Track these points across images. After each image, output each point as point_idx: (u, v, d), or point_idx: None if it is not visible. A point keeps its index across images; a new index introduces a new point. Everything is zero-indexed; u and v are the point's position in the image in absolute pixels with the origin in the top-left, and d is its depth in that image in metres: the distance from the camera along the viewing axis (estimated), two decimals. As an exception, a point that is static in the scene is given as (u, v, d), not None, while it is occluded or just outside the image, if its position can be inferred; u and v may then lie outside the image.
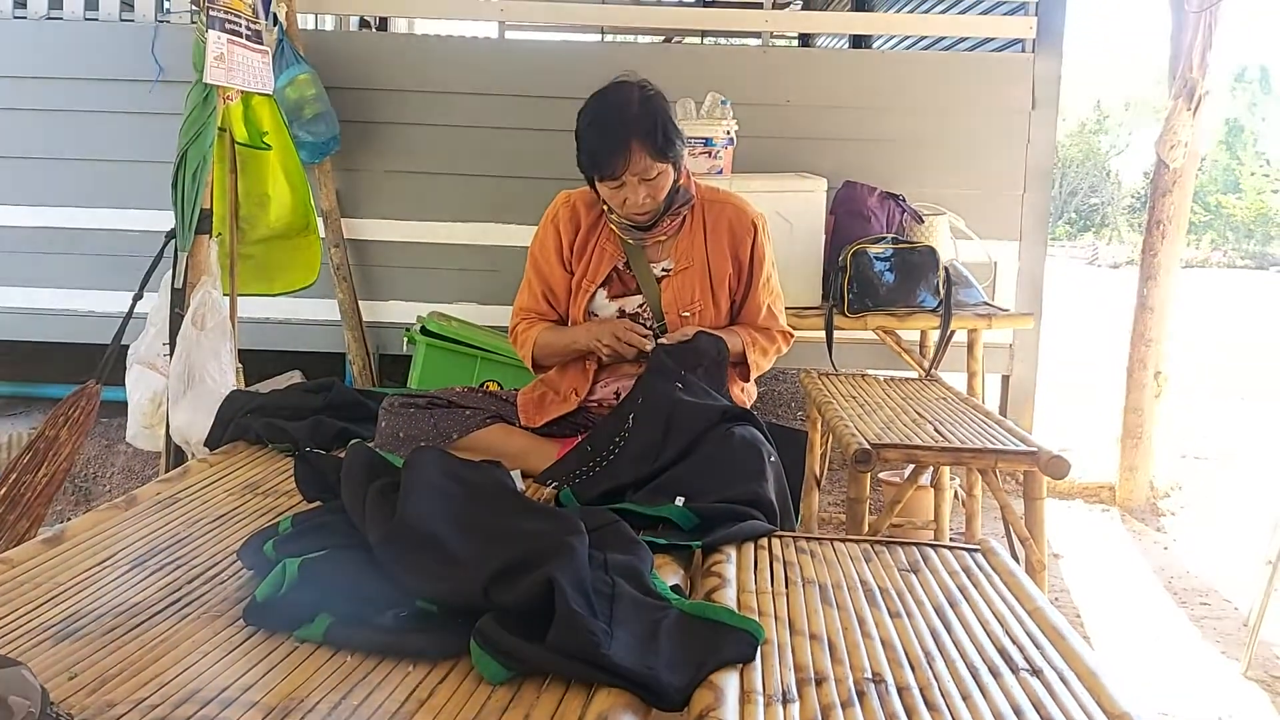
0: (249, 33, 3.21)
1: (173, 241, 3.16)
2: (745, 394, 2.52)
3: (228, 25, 3.10)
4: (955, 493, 3.65)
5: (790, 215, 3.55)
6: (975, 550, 1.87)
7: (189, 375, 3.00)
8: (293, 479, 2.13)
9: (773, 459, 2.09)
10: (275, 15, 3.93)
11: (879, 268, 3.48)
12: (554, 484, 2.18)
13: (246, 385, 3.31)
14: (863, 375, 3.38)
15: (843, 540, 1.91)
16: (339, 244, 4.31)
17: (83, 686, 1.33)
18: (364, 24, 6.49)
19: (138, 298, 3.24)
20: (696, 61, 4.52)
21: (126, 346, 3.23)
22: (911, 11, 6.01)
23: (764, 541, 1.89)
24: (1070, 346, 7.36)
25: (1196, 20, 4.11)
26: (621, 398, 2.37)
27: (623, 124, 2.24)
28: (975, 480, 3.47)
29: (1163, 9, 4.35)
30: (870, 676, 1.41)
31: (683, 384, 2.24)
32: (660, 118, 2.27)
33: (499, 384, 3.61)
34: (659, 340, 2.38)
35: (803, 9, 7.86)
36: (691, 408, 2.18)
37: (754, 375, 2.51)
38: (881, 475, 3.83)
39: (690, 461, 2.08)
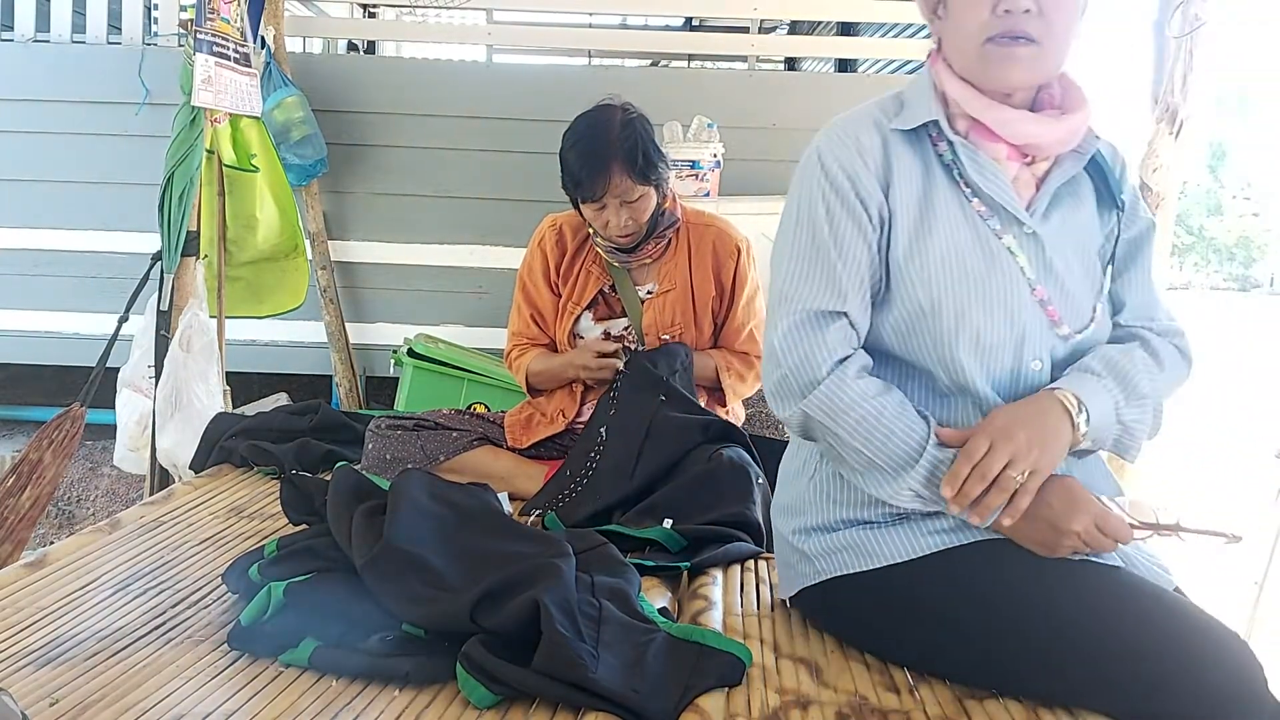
0: (237, 55, 3.22)
1: (159, 264, 3.15)
2: (732, 416, 2.52)
3: (215, 48, 3.10)
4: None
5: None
6: (961, 572, 1.87)
7: (176, 397, 2.98)
8: (278, 502, 2.12)
9: (760, 480, 2.09)
10: (263, 38, 3.94)
11: (865, 290, 3.49)
12: (538, 512, 2.18)
13: (233, 408, 3.30)
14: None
15: (829, 562, 1.91)
16: (326, 266, 4.30)
17: (65, 712, 1.32)
18: (352, 47, 6.51)
19: (123, 320, 3.22)
20: (683, 85, 4.53)
21: (111, 369, 3.22)
22: (896, 36, 6.06)
23: (750, 563, 1.89)
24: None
25: (1178, 45, 4.15)
26: (589, 416, 2.37)
27: (603, 147, 2.26)
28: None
29: (1145, 34, 4.40)
30: (856, 700, 1.41)
31: (666, 395, 2.25)
32: (641, 141, 2.28)
33: (486, 406, 3.60)
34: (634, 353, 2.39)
35: (788, 33, 7.91)
36: (673, 421, 2.18)
37: (732, 401, 2.51)
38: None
39: (677, 483, 2.08)
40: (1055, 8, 1.39)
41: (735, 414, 2.55)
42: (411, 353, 3.70)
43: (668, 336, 2.43)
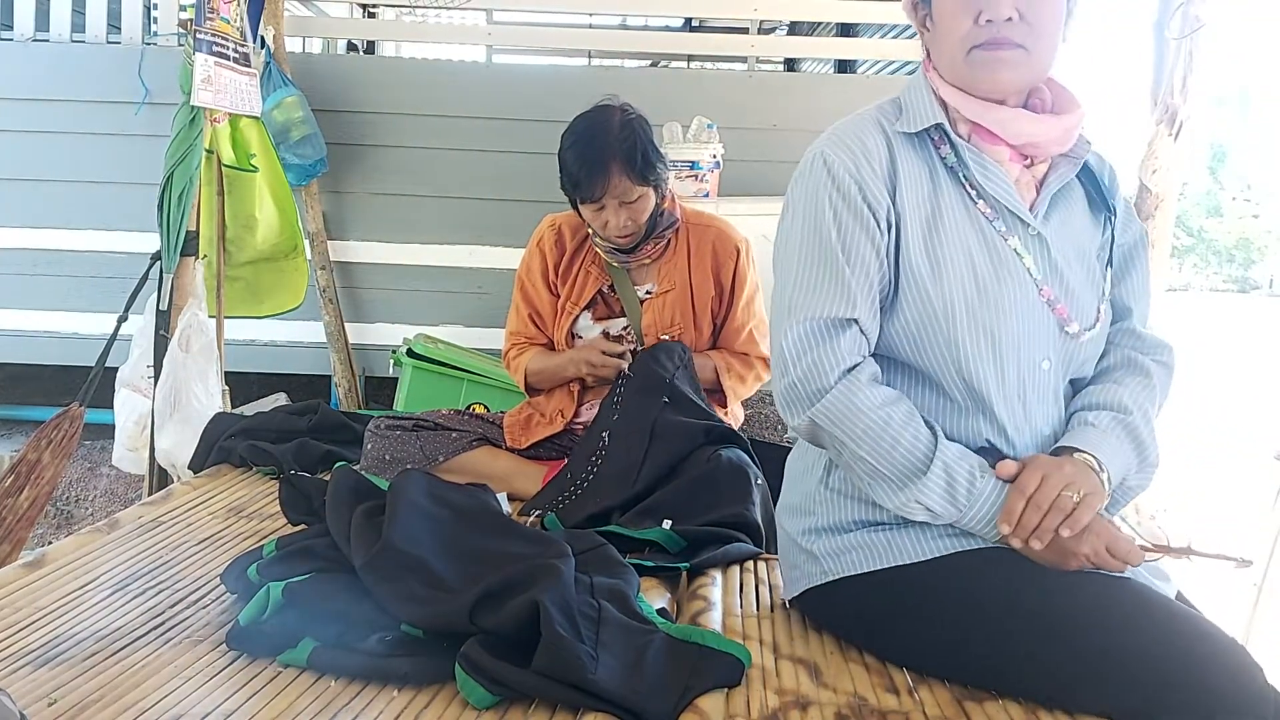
0: (236, 55, 3.22)
1: (158, 263, 3.15)
2: (730, 417, 2.52)
3: (215, 48, 3.10)
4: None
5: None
6: (961, 573, 1.87)
7: (175, 398, 2.98)
8: (277, 502, 2.12)
9: (759, 481, 2.09)
10: (263, 38, 3.94)
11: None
12: (538, 513, 2.18)
13: (232, 408, 3.29)
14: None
15: (829, 563, 1.91)
16: (325, 266, 4.30)
17: (63, 712, 1.31)
18: (351, 47, 6.51)
19: (122, 320, 3.22)
20: (683, 85, 4.53)
21: (110, 369, 3.22)
22: (895, 37, 6.06)
23: (750, 564, 1.89)
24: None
25: (1177, 47, 4.15)
26: (593, 418, 2.37)
27: (602, 147, 2.25)
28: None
29: (1145, 35, 4.40)
30: (855, 701, 1.40)
31: (670, 398, 2.24)
32: (640, 141, 2.28)
33: (486, 406, 3.59)
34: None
35: (788, 34, 7.91)
36: (676, 425, 2.18)
37: (732, 402, 2.50)
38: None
39: (677, 484, 2.08)
40: (1038, 14, 1.40)
41: (734, 414, 2.55)
42: (411, 353, 3.70)
43: (667, 337, 2.43)
